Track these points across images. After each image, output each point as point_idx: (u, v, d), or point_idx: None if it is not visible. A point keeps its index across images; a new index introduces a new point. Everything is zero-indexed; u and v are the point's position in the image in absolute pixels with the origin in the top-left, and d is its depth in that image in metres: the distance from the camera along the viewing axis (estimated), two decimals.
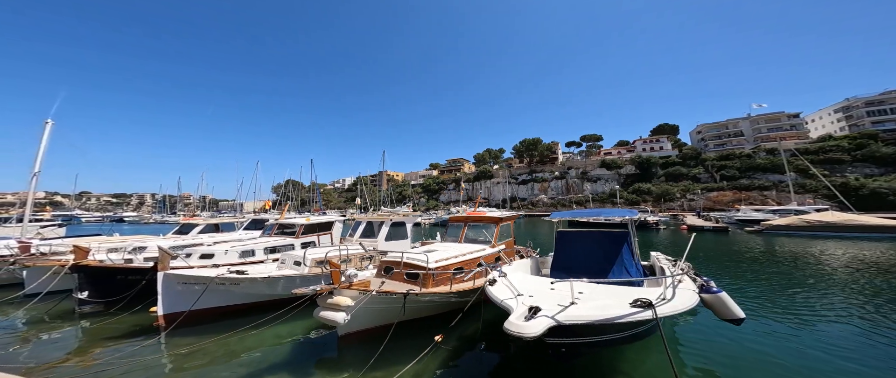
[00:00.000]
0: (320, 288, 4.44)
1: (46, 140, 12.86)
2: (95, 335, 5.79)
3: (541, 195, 75.24)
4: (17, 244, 9.19)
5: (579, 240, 6.33)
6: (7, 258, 8.61)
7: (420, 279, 5.33)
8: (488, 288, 4.35)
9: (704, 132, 63.21)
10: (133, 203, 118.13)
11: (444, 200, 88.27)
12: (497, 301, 3.85)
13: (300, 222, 11.47)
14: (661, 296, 3.43)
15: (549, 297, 3.86)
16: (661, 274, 5.63)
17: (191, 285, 5.96)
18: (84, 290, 6.65)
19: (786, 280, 9.17)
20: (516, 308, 3.23)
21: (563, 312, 3.08)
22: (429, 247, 7.27)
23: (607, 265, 5.57)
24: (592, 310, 3.18)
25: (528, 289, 4.05)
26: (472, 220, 8.32)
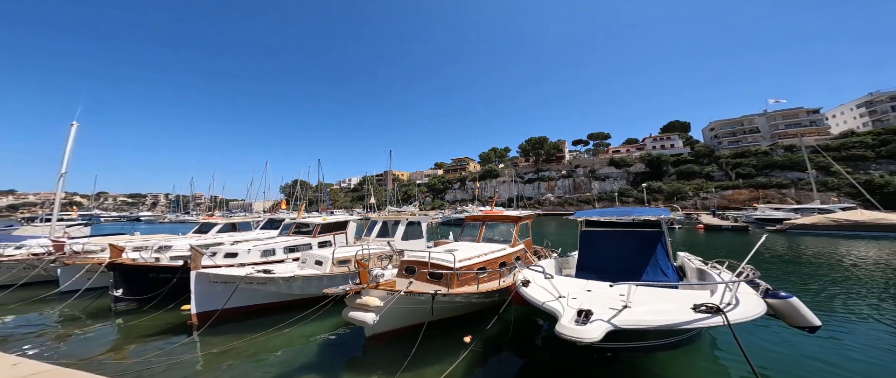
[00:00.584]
0: (349, 288, 4.43)
1: (72, 142, 13.26)
2: (131, 332, 5.92)
3: (547, 194, 74.51)
4: (50, 242, 9.50)
5: (608, 240, 6.16)
6: (41, 256, 8.94)
7: (444, 279, 5.28)
8: (522, 289, 4.25)
9: (718, 129, 61.51)
10: (148, 203, 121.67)
11: (450, 200, 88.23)
12: (537, 303, 3.75)
13: (316, 222, 11.57)
14: (726, 301, 3.20)
15: (592, 299, 3.73)
16: (699, 276, 5.44)
17: (221, 284, 6.05)
18: (119, 288, 6.84)
19: (821, 280, 8.80)
20: (565, 311, 3.12)
21: (619, 316, 2.97)
22: (449, 246, 7.22)
23: (640, 266, 5.40)
24: (652, 315, 3.05)
25: (565, 290, 3.91)
26: (490, 219, 8.22)
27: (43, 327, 6.42)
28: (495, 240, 7.65)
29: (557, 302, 3.55)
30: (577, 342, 2.67)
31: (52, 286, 8.30)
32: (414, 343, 4.69)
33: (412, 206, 60.96)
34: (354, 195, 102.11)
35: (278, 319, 6.07)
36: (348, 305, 4.56)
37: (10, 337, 5.92)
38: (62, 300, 7.71)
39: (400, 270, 6.12)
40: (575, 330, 2.74)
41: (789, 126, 53.72)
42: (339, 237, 11.97)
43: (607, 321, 2.85)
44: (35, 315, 7.20)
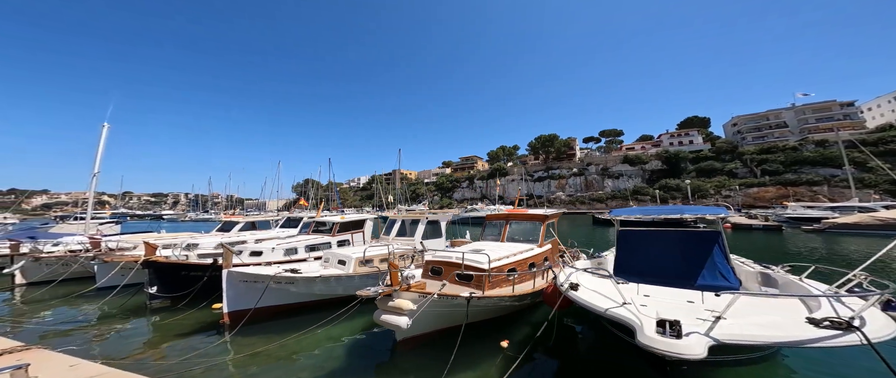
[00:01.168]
0: (382, 290, 4.27)
1: (104, 142, 13.74)
2: (166, 331, 5.99)
3: (558, 192, 73.13)
4: (87, 240, 9.85)
5: (654, 239, 5.68)
6: (78, 253, 9.29)
7: (475, 281, 5.07)
8: (572, 294, 3.96)
9: (741, 124, 58.59)
10: (169, 202, 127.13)
11: (458, 198, 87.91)
12: (596, 310, 3.45)
13: (335, 221, 11.57)
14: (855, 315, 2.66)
15: (660, 306, 3.39)
16: (764, 281, 4.97)
17: (251, 283, 6.02)
18: (153, 285, 6.99)
19: None
20: (642, 321, 2.81)
21: (720, 329, 2.59)
22: (474, 246, 6.98)
23: (693, 269, 4.97)
24: (761, 328, 2.65)
25: (622, 296, 3.54)
26: (515, 217, 7.92)
27: (82, 324, 6.60)
28: (520, 239, 7.37)
29: (626, 310, 3.21)
30: (671, 357, 2.34)
31: (89, 282, 8.60)
32: (445, 347, 4.51)
33: (422, 204, 61.10)
34: (363, 194, 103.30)
35: (305, 320, 6.00)
36: (380, 308, 4.42)
37: (52, 333, 6.10)
38: (99, 296, 7.95)
39: (425, 271, 5.93)
40: (670, 344, 2.41)
41: (820, 120, 50.55)
42: (357, 236, 11.96)
43: (707, 335, 2.51)
44: (75, 311, 7.43)
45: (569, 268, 5.57)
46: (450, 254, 5.89)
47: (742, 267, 5.47)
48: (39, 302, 7.96)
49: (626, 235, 6.03)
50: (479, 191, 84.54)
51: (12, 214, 57.24)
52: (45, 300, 8.05)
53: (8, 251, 9.60)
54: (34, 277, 9.18)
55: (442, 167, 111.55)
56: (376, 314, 4.43)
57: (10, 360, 2.35)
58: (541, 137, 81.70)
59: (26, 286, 9.15)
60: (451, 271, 5.43)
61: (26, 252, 9.40)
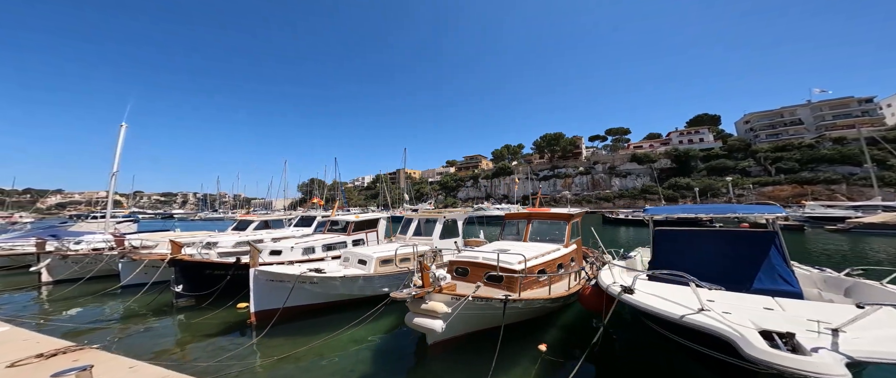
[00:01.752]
0: (416, 292, 4.14)
1: (122, 142, 13.90)
2: (194, 331, 5.97)
3: (564, 191, 72.49)
4: (112, 238, 9.95)
5: (699, 240, 5.31)
6: (103, 251, 9.39)
7: (507, 283, 4.91)
8: (628, 297, 3.68)
9: (754, 122, 57.24)
10: (179, 201, 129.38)
11: (463, 197, 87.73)
12: (671, 317, 3.08)
13: (350, 220, 11.53)
14: None
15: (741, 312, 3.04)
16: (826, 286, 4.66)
17: (277, 283, 5.98)
18: (179, 284, 7.00)
19: None
20: (743, 332, 2.47)
21: (847, 344, 2.30)
22: (497, 246, 6.79)
23: (748, 272, 4.69)
24: None
25: (701, 301, 3.12)
26: (538, 216, 7.69)
27: (111, 322, 6.64)
28: (543, 239, 7.13)
29: (710, 318, 2.83)
30: (805, 375, 2.03)
31: (113, 280, 8.68)
32: (475, 350, 4.38)
33: (428, 203, 61.08)
34: (368, 193, 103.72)
35: (329, 320, 5.95)
36: (411, 310, 4.28)
37: (82, 330, 6.10)
38: (125, 295, 8.02)
39: (450, 272, 5.72)
40: (801, 362, 2.08)
41: (837, 117, 49.08)
42: (371, 235, 11.90)
43: (838, 351, 2.20)
44: (102, 309, 7.50)
45: (613, 269, 5.32)
46: (476, 254, 5.73)
47: (797, 270, 5.17)
48: (67, 300, 8.05)
49: (664, 235, 5.72)
50: (484, 190, 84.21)
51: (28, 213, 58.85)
52: (73, 298, 8.13)
53: (34, 249, 9.77)
54: (60, 275, 9.31)
55: (446, 166, 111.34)
56: (408, 317, 4.30)
57: (67, 361, 2.30)
58: (546, 136, 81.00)
59: (53, 284, 9.29)
60: (479, 272, 5.27)
61: (52, 250, 9.54)
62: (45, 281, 9.27)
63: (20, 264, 11.43)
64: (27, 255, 10.96)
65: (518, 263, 4.98)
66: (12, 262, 11.39)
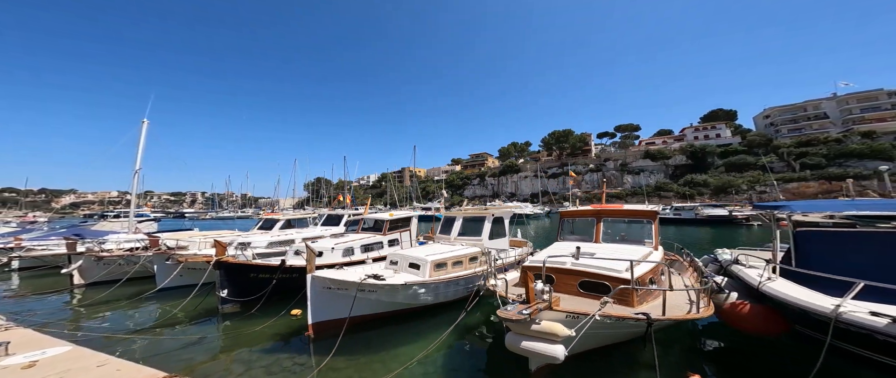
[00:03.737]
0: (528, 310, 3.47)
1: (144, 139, 13.55)
2: (245, 341, 5.47)
3: (573, 189, 71.44)
4: (147, 238, 9.56)
5: (864, 243, 4.36)
6: (135, 251, 9.00)
7: (615, 294, 4.22)
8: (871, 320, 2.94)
9: (774, 116, 55.38)
10: (187, 200, 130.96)
11: (469, 195, 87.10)
12: None
13: (385, 218, 10.97)
14: None
15: None
16: None
17: (334, 291, 5.41)
18: (224, 288, 6.51)
19: None
20: None
21: None
22: (560, 248, 6.08)
23: None
24: None
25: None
26: (611, 214, 6.88)
27: (153, 330, 6.18)
28: (618, 240, 6.43)
29: None
30: None
31: (147, 282, 8.28)
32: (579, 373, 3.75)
33: (438, 201, 60.53)
34: (373, 192, 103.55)
35: (388, 335, 5.41)
36: (515, 332, 3.60)
37: (119, 340, 5.66)
38: (162, 299, 7.59)
39: (524, 281, 5.01)
40: None
41: (866, 110, 47.10)
42: (404, 234, 11.35)
43: None
44: (141, 314, 7.09)
45: (774, 281, 4.39)
46: (561, 259, 5.09)
47: None
48: (103, 304, 7.62)
49: (815, 236, 4.79)
50: (491, 188, 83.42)
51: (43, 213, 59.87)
52: (109, 302, 7.72)
53: (64, 250, 9.42)
54: (93, 278, 8.95)
55: (451, 164, 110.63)
56: (511, 339, 3.60)
57: None
58: (555, 133, 79.75)
59: (85, 287, 8.93)
60: (569, 281, 4.62)
61: (83, 251, 9.18)
62: (77, 283, 8.93)
63: (48, 265, 11.17)
64: (57, 255, 10.64)
65: (625, 271, 4.32)
66: (39, 262, 11.12)
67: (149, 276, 8.58)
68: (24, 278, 11.13)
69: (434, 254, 6.75)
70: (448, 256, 6.66)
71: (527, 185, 79.45)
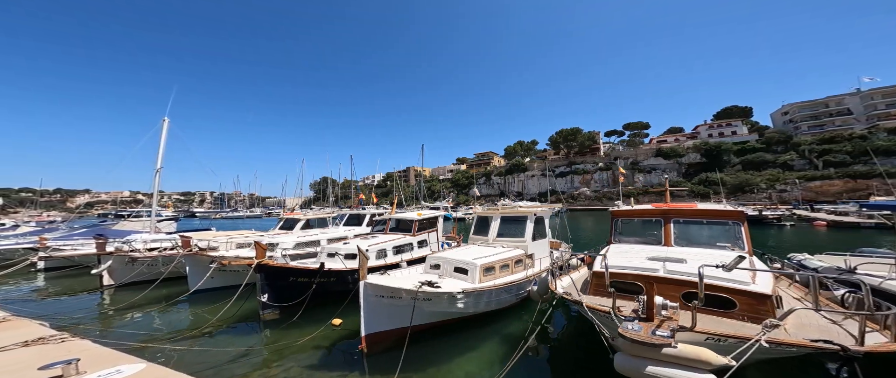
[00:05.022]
0: (670, 331, 2.93)
1: (165, 137, 13.41)
2: (284, 352, 5.12)
3: (582, 188, 70.52)
4: (179, 239, 9.36)
5: None
6: (164, 251, 8.80)
7: (741, 310, 3.60)
8: None
9: (793, 113, 53.65)
10: (196, 200, 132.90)
11: (475, 195, 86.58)
12: None
13: (414, 218, 10.61)
14: None
15: None
16: None
17: (386, 299, 5.00)
18: (264, 293, 6.21)
19: None
20: None
21: None
22: (621, 250, 5.54)
23: None
24: None
25: None
26: (682, 214, 5.88)
27: (184, 337, 5.91)
28: (696, 244, 5.45)
29: None
30: None
31: (177, 283, 8.05)
32: None
33: (445, 201, 60.17)
34: (378, 192, 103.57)
35: (442, 346, 5.01)
36: (637, 355, 3.06)
37: (152, 344, 5.40)
38: (196, 302, 7.35)
39: (594, 289, 4.50)
40: None
41: (891, 106, 45.30)
42: (432, 235, 10.98)
43: None
44: (176, 318, 6.88)
45: None
46: (650, 265, 4.33)
47: None
48: (137, 307, 7.39)
49: None
50: (497, 187, 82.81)
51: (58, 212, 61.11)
52: (142, 305, 7.50)
53: (93, 250, 9.28)
54: (123, 279, 8.79)
55: (456, 163, 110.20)
56: (628, 364, 3.08)
57: None
58: (562, 131, 78.78)
59: (115, 288, 8.78)
60: (666, 292, 3.81)
61: (112, 251, 9.03)
62: (106, 284, 8.78)
63: (76, 265, 11.08)
64: (85, 255, 10.51)
65: (754, 282, 3.64)
66: (67, 262, 11.03)
67: (177, 278, 8.36)
68: (49, 278, 11.09)
69: (481, 257, 6.31)
70: (496, 260, 6.23)
71: (534, 184, 78.61)
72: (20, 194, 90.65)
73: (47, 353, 2.84)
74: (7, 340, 3.10)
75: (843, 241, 15.29)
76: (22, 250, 12.82)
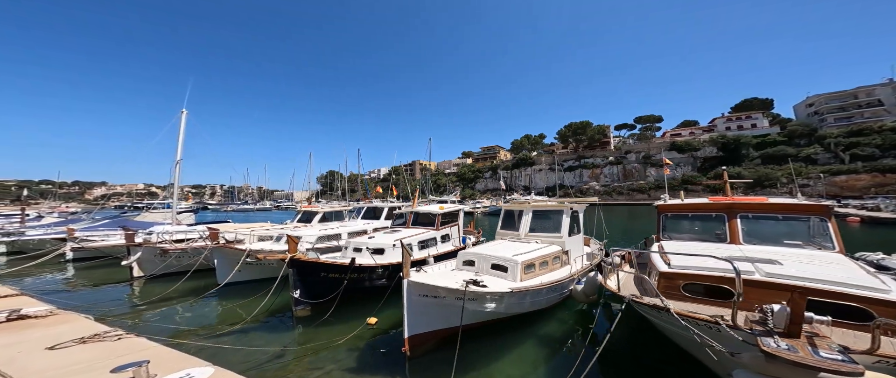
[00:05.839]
0: (850, 359, 2.36)
1: (184, 129, 13.36)
2: (324, 352, 4.95)
3: (591, 182, 69.46)
4: (207, 231, 9.35)
5: None
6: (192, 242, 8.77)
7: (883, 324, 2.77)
8: None
9: (819, 104, 51.18)
10: (207, 193, 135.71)
11: (481, 189, 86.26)
12: None
13: (437, 212, 10.38)
14: None
15: None
16: None
17: (429, 299, 4.75)
18: (297, 288, 6.08)
19: None
20: None
21: None
22: (680, 247, 5.11)
23: None
24: None
25: None
26: (751, 208, 5.25)
27: (217, 332, 5.82)
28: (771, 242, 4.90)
29: None
30: None
31: (203, 276, 8.03)
32: None
33: (453, 195, 59.98)
34: (384, 186, 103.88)
35: (487, 349, 4.77)
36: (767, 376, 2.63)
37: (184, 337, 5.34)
38: (225, 295, 7.33)
39: (666, 290, 3.94)
40: None
41: None
42: (454, 229, 10.76)
43: None
44: (207, 312, 6.85)
45: None
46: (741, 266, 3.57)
47: None
48: (167, 300, 7.39)
49: None
50: (504, 181, 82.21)
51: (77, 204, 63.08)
52: (175, 298, 7.51)
53: (122, 241, 9.35)
54: (152, 271, 8.86)
55: (462, 157, 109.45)
56: None
57: None
58: (571, 125, 77.23)
59: (145, 280, 8.86)
60: (765, 298, 3.27)
61: (141, 243, 9.08)
62: (136, 276, 8.86)
63: (105, 256, 11.24)
64: (115, 247, 10.63)
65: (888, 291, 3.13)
66: (97, 253, 11.19)
67: (204, 270, 8.36)
68: (78, 269, 11.33)
69: (520, 253, 6.01)
70: (536, 256, 5.95)
71: (541, 179, 77.88)
72: (40, 186, 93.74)
73: (109, 351, 2.74)
74: (62, 336, 3.01)
75: (884, 238, 14.55)
76: (50, 240, 13.12)
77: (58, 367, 2.40)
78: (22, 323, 3.56)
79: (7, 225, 19.52)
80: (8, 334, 3.17)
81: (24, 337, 3.09)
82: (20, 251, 13.93)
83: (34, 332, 3.21)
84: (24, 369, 2.38)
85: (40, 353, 2.71)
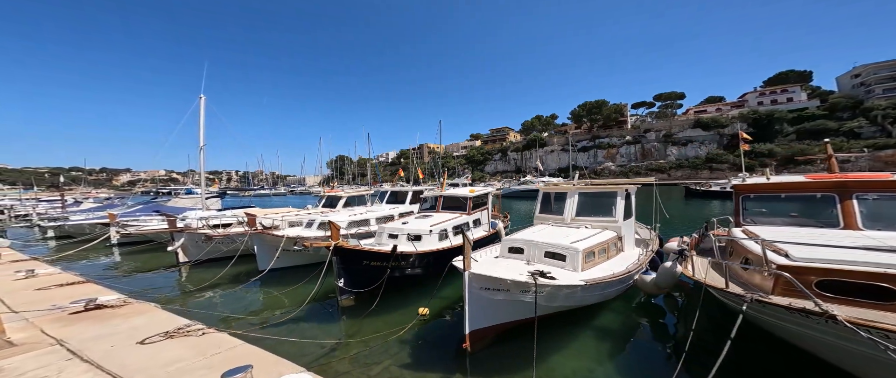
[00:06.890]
0: None
1: (203, 114, 13.23)
2: (378, 347, 4.83)
3: (607, 163, 67.23)
4: (245, 216, 9.48)
5: None
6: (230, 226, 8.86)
7: None
8: None
9: (867, 75, 46.21)
10: (224, 178, 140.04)
11: (491, 171, 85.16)
12: None
13: (467, 196, 10.08)
14: None
15: None
16: None
17: (490, 291, 4.49)
18: (341, 277, 6.06)
19: None
20: None
21: None
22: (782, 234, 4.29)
23: None
24: None
25: None
26: (874, 187, 4.50)
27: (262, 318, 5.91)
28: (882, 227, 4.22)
29: None
30: None
31: (241, 261, 8.13)
32: None
33: (464, 178, 59.49)
34: (393, 169, 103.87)
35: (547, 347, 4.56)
36: None
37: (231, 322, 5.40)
38: (269, 283, 7.45)
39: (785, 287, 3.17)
40: None
41: None
42: (483, 214, 10.52)
43: None
44: (252, 298, 7.00)
45: None
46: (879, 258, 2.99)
47: None
48: (214, 287, 7.58)
49: None
50: (514, 163, 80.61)
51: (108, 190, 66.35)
52: (220, 284, 7.71)
53: (162, 226, 9.63)
54: (195, 256, 9.17)
55: (470, 140, 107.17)
56: None
57: None
58: (586, 104, 73.46)
59: (190, 265, 9.22)
60: None
61: (182, 228, 9.33)
62: (182, 261, 9.22)
63: (149, 241, 11.69)
64: (158, 232, 10.99)
65: None
66: (141, 238, 11.67)
67: (243, 256, 8.55)
68: (123, 254, 11.94)
69: (578, 239, 5.57)
70: (595, 243, 5.53)
71: (553, 160, 75.92)
72: (71, 173, 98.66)
73: (200, 349, 2.68)
74: (146, 330, 3.04)
75: None
76: (92, 225, 13.79)
77: (160, 367, 2.36)
78: (100, 313, 3.64)
79: (51, 210, 20.71)
80: (92, 325, 3.24)
81: (109, 329, 3.16)
82: (67, 236, 14.79)
83: (116, 323, 3.27)
84: (123, 367, 2.38)
85: (133, 349, 2.73)
